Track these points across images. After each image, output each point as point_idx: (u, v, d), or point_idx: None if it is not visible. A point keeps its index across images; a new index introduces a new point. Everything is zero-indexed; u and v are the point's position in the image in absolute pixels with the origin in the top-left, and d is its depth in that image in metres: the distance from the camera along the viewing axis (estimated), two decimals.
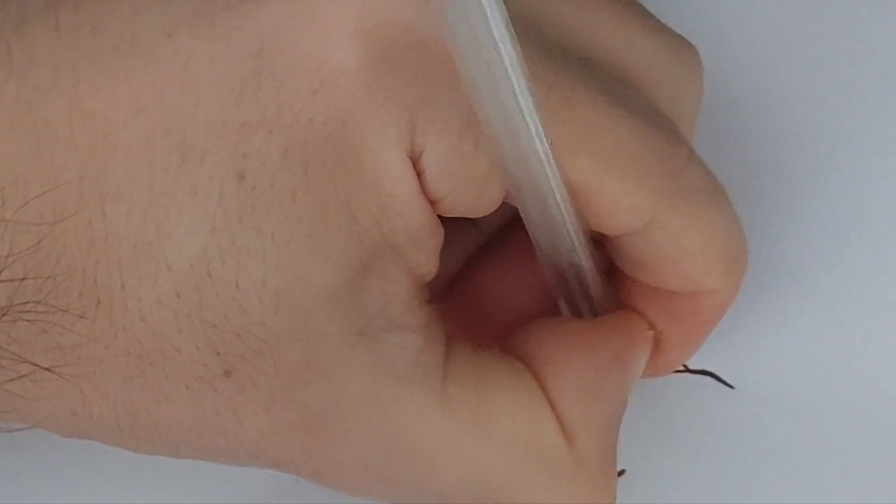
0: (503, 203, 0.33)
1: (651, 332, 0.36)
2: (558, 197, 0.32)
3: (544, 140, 0.31)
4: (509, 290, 0.37)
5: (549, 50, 0.31)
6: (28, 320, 0.30)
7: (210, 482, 0.38)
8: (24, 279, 0.30)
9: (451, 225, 0.33)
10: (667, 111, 0.34)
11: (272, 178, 0.30)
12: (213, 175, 0.30)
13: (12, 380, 0.31)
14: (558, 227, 0.33)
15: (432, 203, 0.31)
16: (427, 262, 0.32)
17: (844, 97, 0.41)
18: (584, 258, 0.34)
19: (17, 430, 0.32)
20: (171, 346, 0.31)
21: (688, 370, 0.39)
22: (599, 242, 0.35)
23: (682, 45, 0.35)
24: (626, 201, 0.32)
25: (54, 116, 0.30)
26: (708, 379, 0.39)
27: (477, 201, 0.32)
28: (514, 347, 0.34)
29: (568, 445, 0.33)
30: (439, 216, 0.32)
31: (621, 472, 0.38)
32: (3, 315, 0.30)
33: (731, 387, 0.39)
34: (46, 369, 0.31)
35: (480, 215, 0.32)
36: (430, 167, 0.31)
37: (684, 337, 0.36)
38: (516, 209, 0.33)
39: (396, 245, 0.31)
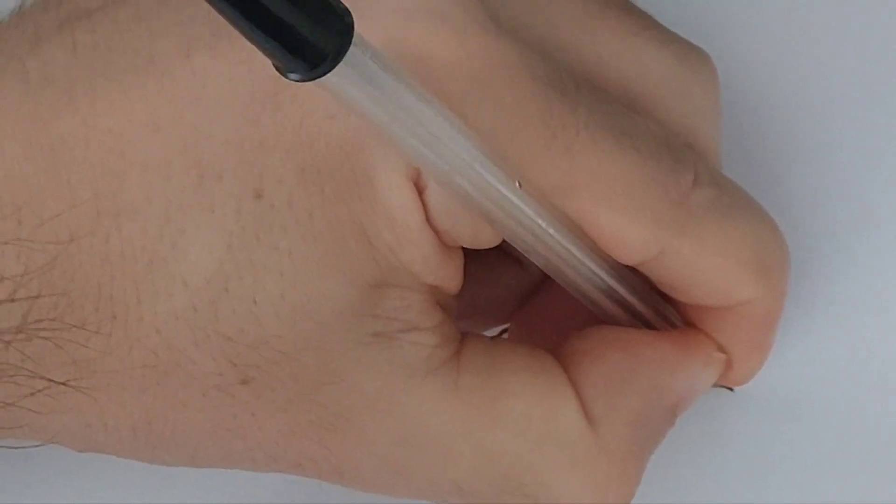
0: None
1: (723, 355, 0.36)
2: (551, 231, 0.32)
3: (504, 183, 0.30)
4: (568, 317, 0.37)
5: (562, 83, 0.31)
6: (43, 337, 0.30)
7: (210, 484, 0.38)
8: (38, 297, 0.30)
9: (500, 266, 0.33)
10: (681, 124, 0.34)
11: (289, 197, 0.30)
12: (230, 192, 0.30)
13: (27, 396, 0.31)
14: (562, 258, 0.33)
15: (436, 234, 0.31)
16: (447, 280, 0.32)
17: (846, 98, 0.41)
18: (611, 280, 0.34)
19: (31, 447, 0.32)
20: (186, 358, 0.31)
21: None
22: None
23: (693, 55, 0.35)
24: (630, 235, 0.32)
25: (70, 135, 0.30)
26: None
27: (477, 237, 0.32)
28: (557, 349, 0.34)
29: (590, 429, 0.33)
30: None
31: None
32: (18, 333, 0.30)
33: (730, 389, 0.39)
34: (62, 384, 0.31)
35: (484, 247, 0.32)
36: (431, 200, 0.31)
37: (743, 348, 0.36)
38: None
39: (413, 271, 0.31)
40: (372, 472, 0.33)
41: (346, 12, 0.25)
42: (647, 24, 0.35)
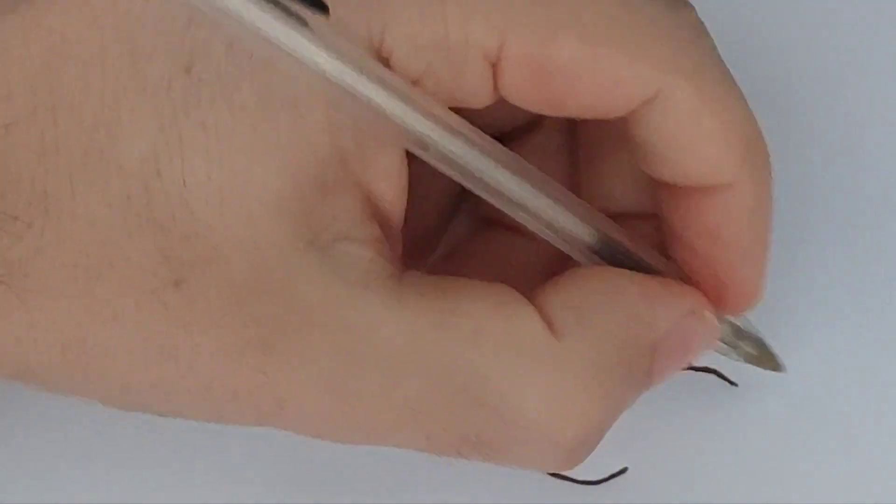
0: None
1: (712, 314, 0.34)
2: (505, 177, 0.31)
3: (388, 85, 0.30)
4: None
5: None
6: None
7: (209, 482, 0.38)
8: None
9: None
10: None
11: (217, 70, 0.30)
12: (161, 71, 0.30)
13: None
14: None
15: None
16: (382, 179, 0.31)
17: (843, 95, 0.41)
18: (565, 217, 0.33)
19: None
20: (120, 254, 0.30)
21: (691, 367, 0.38)
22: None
23: None
24: (626, 73, 0.31)
25: (10, 36, 0.30)
26: (711, 376, 0.39)
27: (461, 80, 0.31)
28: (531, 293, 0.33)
29: (552, 338, 0.31)
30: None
31: (623, 471, 0.38)
32: None
33: (734, 384, 0.39)
34: None
35: (475, 104, 0.31)
36: (397, 48, 0.30)
37: (733, 262, 0.34)
38: None
39: (346, 153, 0.31)
40: (314, 401, 0.31)
41: None
42: None
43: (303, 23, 0.28)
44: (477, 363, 0.31)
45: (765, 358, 0.37)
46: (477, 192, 0.32)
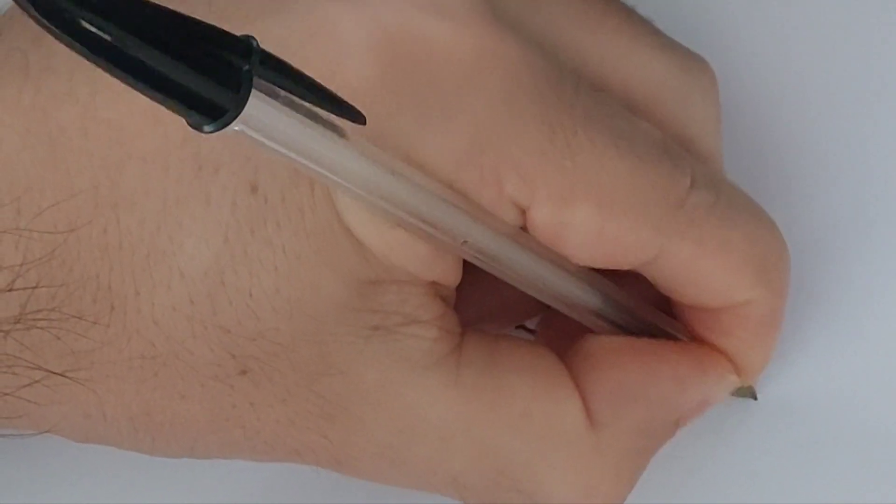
0: None
1: (735, 376, 0.35)
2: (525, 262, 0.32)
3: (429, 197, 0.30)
4: None
5: (561, 80, 0.31)
6: (41, 328, 0.30)
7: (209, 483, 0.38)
8: (37, 287, 0.30)
9: None
10: (681, 129, 0.34)
11: (282, 193, 0.30)
12: (226, 186, 0.30)
13: (25, 386, 0.31)
14: (543, 281, 0.33)
15: None
16: (445, 274, 0.32)
17: (845, 100, 0.40)
18: (600, 300, 0.34)
19: (29, 435, 0.32)
20: (184, 349, 0.31)
21: None
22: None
23: (693, 62, 0.35)
24: (629, 240, 0.32)
25: (69, 125, 0.30)
26: None
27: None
28: (567, 349, 0.34)
29: (590, 431, 0.33)
30: None
31: None
32: (16, 323, 0.30)
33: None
34: (59, 374, 0.31)
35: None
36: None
37: (745, 347, 0.35)
38: None
39: (407, 263, 0.31)
40: (369, 462, 0.33)
41: (248, 52, 0.25)
42: (649, 29, 0.35)
43: (341, 133, 0.28)
44: (519, 449, 0.33)
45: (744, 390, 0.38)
46: (479, 263, 0.32)
